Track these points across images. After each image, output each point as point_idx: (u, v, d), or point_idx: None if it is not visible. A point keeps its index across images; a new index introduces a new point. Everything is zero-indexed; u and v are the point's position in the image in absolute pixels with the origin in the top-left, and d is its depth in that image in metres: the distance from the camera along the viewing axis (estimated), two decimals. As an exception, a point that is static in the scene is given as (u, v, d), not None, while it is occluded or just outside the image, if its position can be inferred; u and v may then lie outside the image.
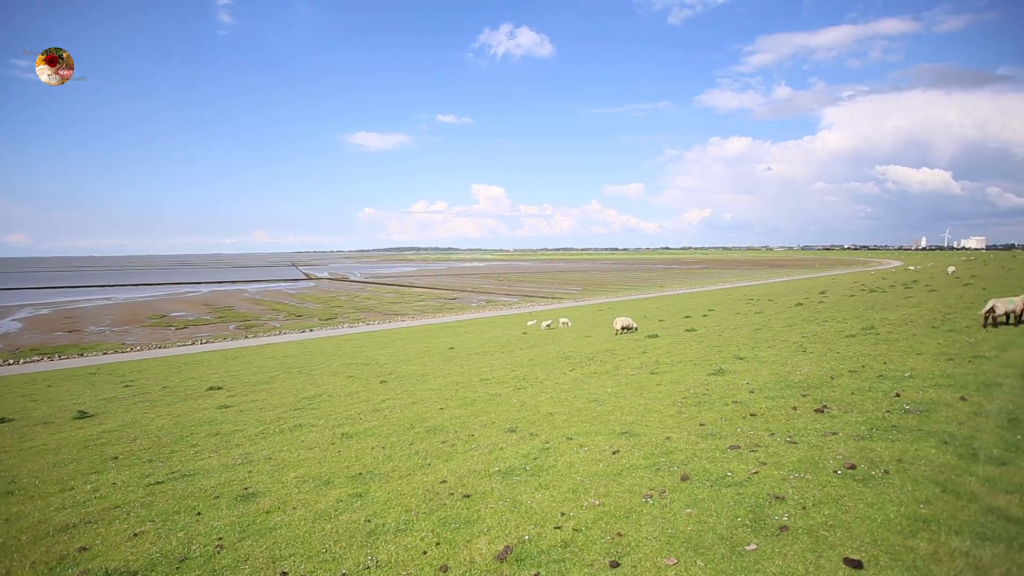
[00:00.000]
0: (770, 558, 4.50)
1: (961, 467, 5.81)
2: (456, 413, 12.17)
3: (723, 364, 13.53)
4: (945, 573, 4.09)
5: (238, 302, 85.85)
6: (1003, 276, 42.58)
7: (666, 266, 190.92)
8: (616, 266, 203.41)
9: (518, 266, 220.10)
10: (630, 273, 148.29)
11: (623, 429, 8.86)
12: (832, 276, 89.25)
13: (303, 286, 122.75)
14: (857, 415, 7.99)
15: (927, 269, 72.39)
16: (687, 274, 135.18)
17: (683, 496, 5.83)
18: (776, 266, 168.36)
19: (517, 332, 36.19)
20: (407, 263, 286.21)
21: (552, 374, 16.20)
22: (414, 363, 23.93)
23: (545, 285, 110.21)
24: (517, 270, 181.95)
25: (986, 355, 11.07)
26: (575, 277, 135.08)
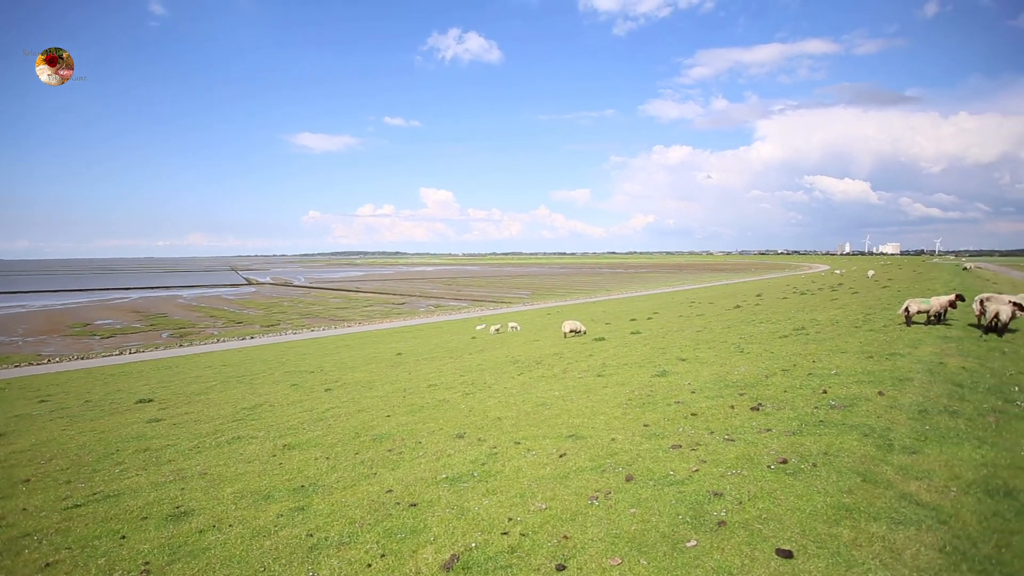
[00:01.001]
0: (709, 553, 4.67)
1: (879, 457, 6.23)
2: (403, 420, 11.97)
3: (666, 366, 13.96)
4: (864, 557, 4.37)
5: (172, 309, 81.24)
6: (915, 279, 46.08)
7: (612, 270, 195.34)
8: (564, 270, 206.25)
9: (467, 270, 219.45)
10: (578, 277, 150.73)
11: (570, 432, 8.98)
12: (767, 280, 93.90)
13: (243, 291, 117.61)
14: (789, 412, 8.42)
15: (850, 273, 77.38)
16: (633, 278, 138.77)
17: (627, 496, 5.96)
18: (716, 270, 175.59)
19: (466, 337, 36.03)
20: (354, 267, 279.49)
21: (500, 379, 16.22)
22: (361, 370, 23.38)
23: (494, 289, 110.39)
24: (466, 274, 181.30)
25: (900, 352, 11.94)
26: (524, 281, 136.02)
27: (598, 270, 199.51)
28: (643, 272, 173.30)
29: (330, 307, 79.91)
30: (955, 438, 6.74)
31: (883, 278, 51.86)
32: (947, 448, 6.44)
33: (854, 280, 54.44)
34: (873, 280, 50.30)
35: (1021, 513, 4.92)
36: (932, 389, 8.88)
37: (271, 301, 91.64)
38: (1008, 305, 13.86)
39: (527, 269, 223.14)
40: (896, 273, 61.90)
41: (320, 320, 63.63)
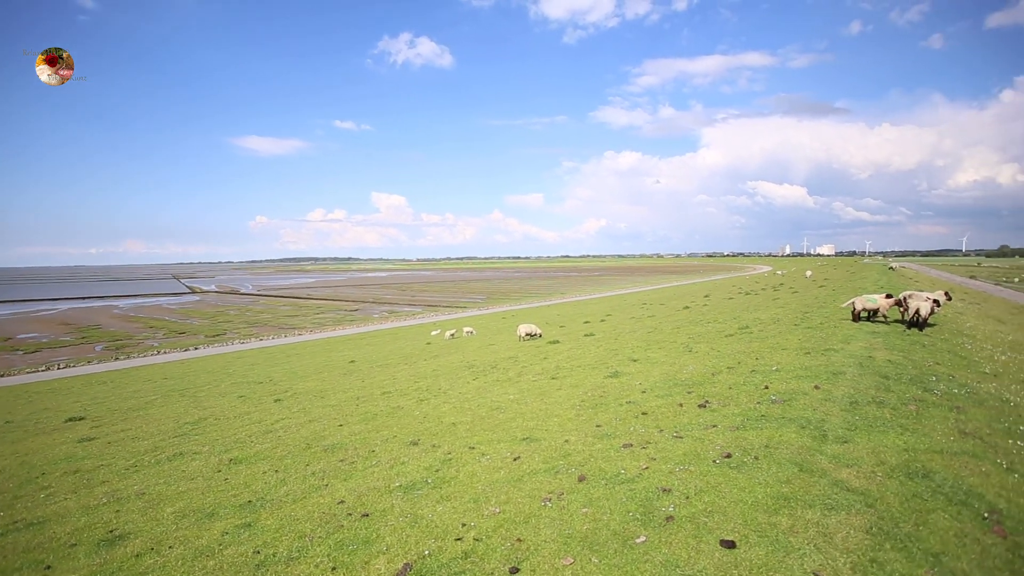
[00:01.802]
0: (657, 548, 4.81)
1: (814, 448, 6.59)
2: (356, 429, 11.75)
3: (618, 366, 14.27)
4: (800, 542, 4.62)
5: (107, 320, 76.65)
6: (848, 279, 48.89)
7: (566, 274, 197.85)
8: (519, 274, 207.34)
9: (421, 276, 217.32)
10: (532, 281, 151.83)
11: (524, 435, 9.05)
12: (714, 281, 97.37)
13: (186, 300, 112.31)
14: (733, 408, 8.78)
15: (791, 273, 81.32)
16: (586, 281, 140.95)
17: (580, 497, 6.06)
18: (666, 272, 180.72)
19: (420, 343, 35.67)
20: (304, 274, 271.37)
21: (455, 384, 16.16)
22: (312, 379, 22.76)
23: (449, 294, 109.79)
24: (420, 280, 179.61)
25: (834, 348, 12.65)
26: (479, 286, 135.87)
27: (552, 274, 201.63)
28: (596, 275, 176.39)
29: (280, 315, 77.44)
30: (881, 427, 7.20)
31: (820, 278, 54.77)
32: (874, 436, 6.87)
33: (794, 280, 57.23)
34: (811, 280, 53.05)
35: (936, 492, 5.32)
36: (862, 381, 9.45)
37: (217, 310, 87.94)
38: (927, 302, 14.93)
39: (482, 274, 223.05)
40: (831, 273, 65.45)
41: (269, 329, 61.55)
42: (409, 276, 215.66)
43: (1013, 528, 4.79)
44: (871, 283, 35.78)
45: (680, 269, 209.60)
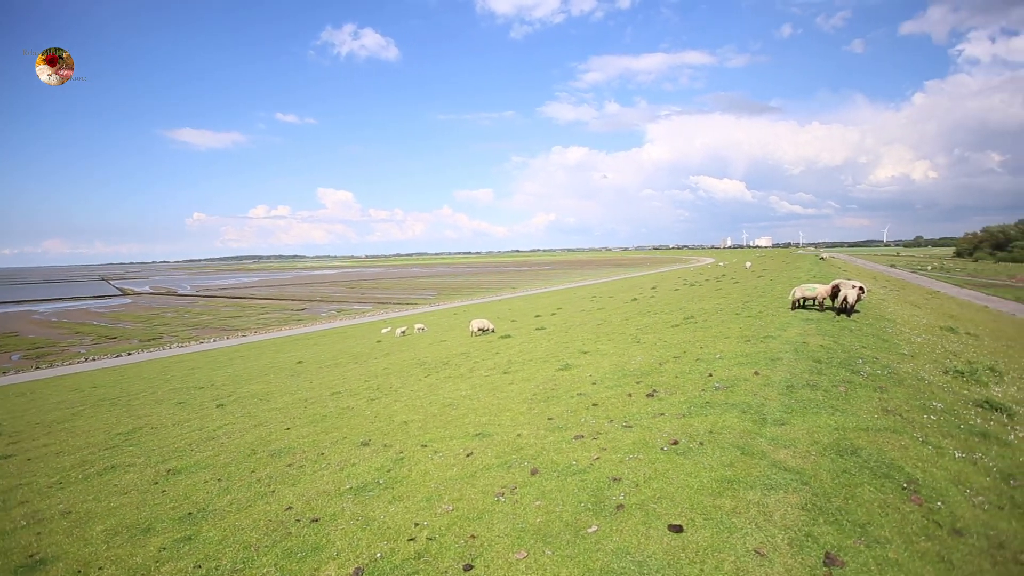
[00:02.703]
0: (608, 536, 4.92)
1: (755, 431, 6.90)
2: (304, 432, 11.41)
3: (569, 359, 14.47)
4: (742, 522, 4.83)
5: (25, 326, 70.99)
6: (784, 268, 51.48)
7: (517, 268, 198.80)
8: (470, 269, 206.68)
9: (371, 272, 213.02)
10: (484, 276, 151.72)
11: (477, 431, 9.04)
12: (661, 273, 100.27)
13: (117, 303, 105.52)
14: (680, 396, 9.07)
15: (732, 265, 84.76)
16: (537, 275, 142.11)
17: (533, 490, 6.11)
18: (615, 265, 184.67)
19: (371, 341, 35.00)
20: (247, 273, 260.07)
21: (407, 382, 15.96)
22: (257, 382, 21.91)
23: (399, 291, 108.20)
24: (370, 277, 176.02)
25: (773, 335, 13.28)
26: (429, 282, 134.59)
27: (503, 268, 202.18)
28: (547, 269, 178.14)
29: (221, 316, 74.09)
30: (815, 408, 7.62)
31: (759, 269, 57.38)
32: (809, 418, 7.27)
33: (735, 271, 59.72)
34: (750, 271, 55.50)
35: (863, 467, 5.69)
36: (797, 366, 9.97)
37: (151, 312, 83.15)
38: (854, 289, 15.92)
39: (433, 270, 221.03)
40: (769, 264, 68.66)
41: (210, 331, 58.79)
42: (358, 273, 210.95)
43: (928, 496, 5.19)
44: (804, 273, 37.78)
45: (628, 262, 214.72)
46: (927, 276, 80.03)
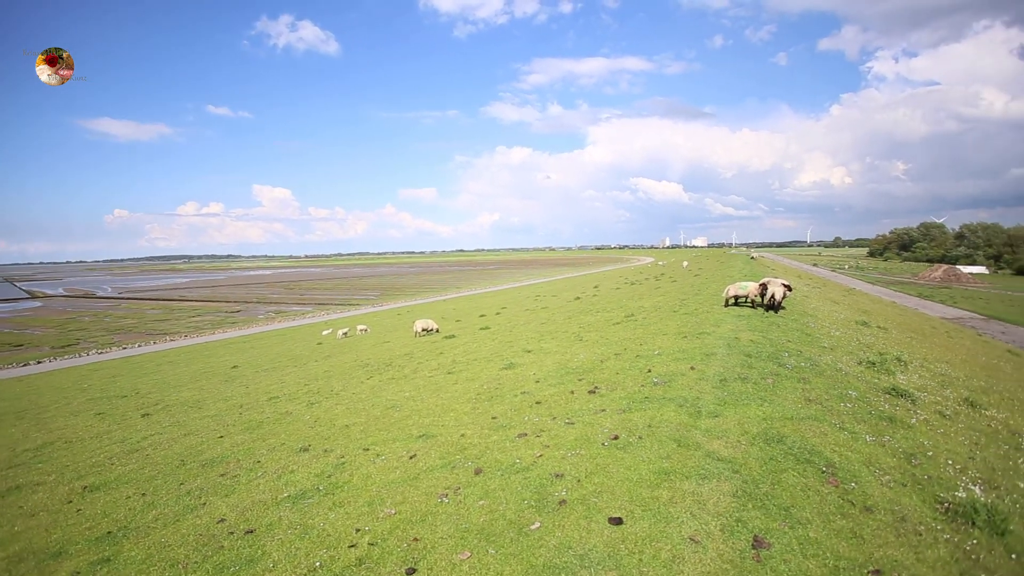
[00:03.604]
0: (551, 532, 4.98)
1: (690, 424, 7.19)
2: (239, 440, 10.91)
3: (513, 358, 14.57)
4: (679, 512, 5.02)
5: (-88, 334, 63.89)
6: (718, 268, 53.93)
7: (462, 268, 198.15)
8: (414, 269, 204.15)
9: (311, 273, 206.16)
10: (428, 276, 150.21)
11: (421, 432, 8.94)
12: (603, 272, 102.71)
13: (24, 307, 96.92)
14: (620, 392, 9.31)
15: (670, 264, 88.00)
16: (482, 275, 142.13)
17: (476, 490, 6.11)
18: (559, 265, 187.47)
19: (311, 343, 33.90)
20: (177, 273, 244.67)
21: (349, 384, 15.57)
22: (187, 388, 20.74)
23: (341, 292, 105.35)
24: (310, 277, 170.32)
25: (707, 331, 13.88)
26: (372, 282, 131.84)
27: (448, 268, 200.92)
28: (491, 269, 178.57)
29: (147, 320, 69.58)
30: (745, 400, 8.03)
31: (695, 268, 59.81)
32: (740, 409, 7.65)
33: (673, 270, 62.00)
34: (687, 270, 57.79)
35: (788, 454, 6.05)
36: (730, 360, 10.46)
37: (66, 317, 76.86)
38: (781, 287, 16.89)
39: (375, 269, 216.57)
40: (705, 263, 71.70)
41: (135, 336, 55.13)
42: (297, 273, 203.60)
43: (843, 477, 5.58)
44: (737, 271, 39.72)
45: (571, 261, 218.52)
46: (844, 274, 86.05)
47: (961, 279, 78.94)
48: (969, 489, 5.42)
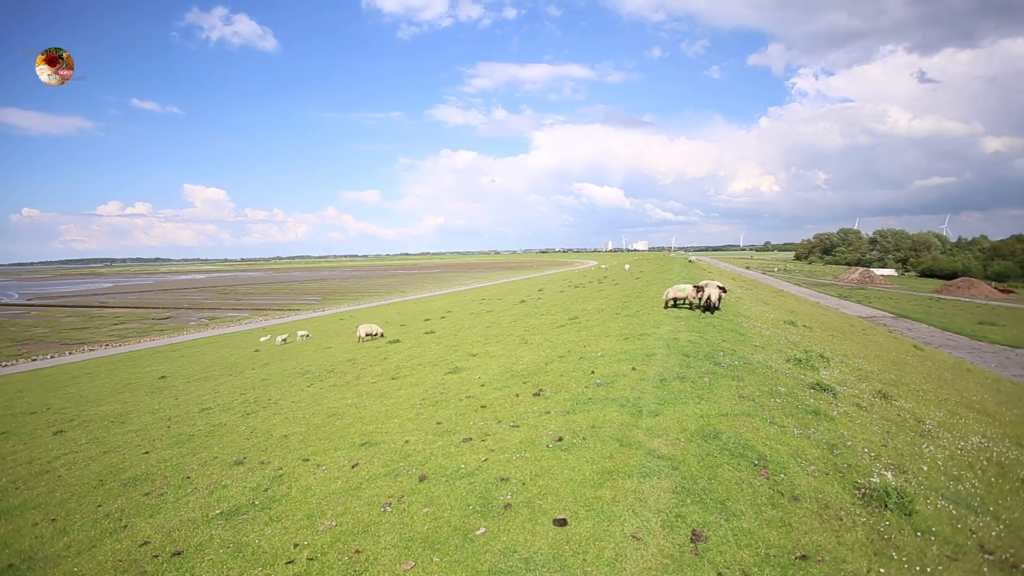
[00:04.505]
0: (496, 536, 4.97)
1: (632, 423, 7.37)
2: (167, 455, 10.25)
3: (459, 362, 14.47)
4: (621, 510, 5.12)
5: None
6: (658, 271, 55.81)
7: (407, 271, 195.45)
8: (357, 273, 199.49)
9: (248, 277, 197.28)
10: (372, 280, 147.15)
11: (363, 440, 8.71)
12: (547, 275, 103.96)
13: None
14: (564, 394, 9.42)
15: (613, 267, 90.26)
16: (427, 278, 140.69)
17: (421, 497, 6.01)
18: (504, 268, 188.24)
19: (248, 350, 32.41)
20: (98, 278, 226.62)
21: (288, 392, 14.98)
22: (108, 402, 19.29)
23: (280, 296, 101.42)
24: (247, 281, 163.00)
25: (648, 332, 14.30)
26: (314, 286, 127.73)
27: (392, 272, 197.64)
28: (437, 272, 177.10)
29: (61, 328, 64.28)
30: (684, 398, 8.31)
31: (636, 271, 61.61)
32: (678, 407, 7.91)
33: (615, 273, 63.58)
34: (629, 273, 59.45)
35: (723, 450, 6.31)
36: (669, 361, 10.82)
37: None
38: (716, 289, 17.65)
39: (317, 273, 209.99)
40: (646, 266, 74.02)
41: (47, 346, 50.80)
42: (233, 277, 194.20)
43: (773, 470, 5.88)
44: (676, 275, 41.21)
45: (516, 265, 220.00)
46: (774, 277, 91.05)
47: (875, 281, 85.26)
48: (882, 475, 5.83)
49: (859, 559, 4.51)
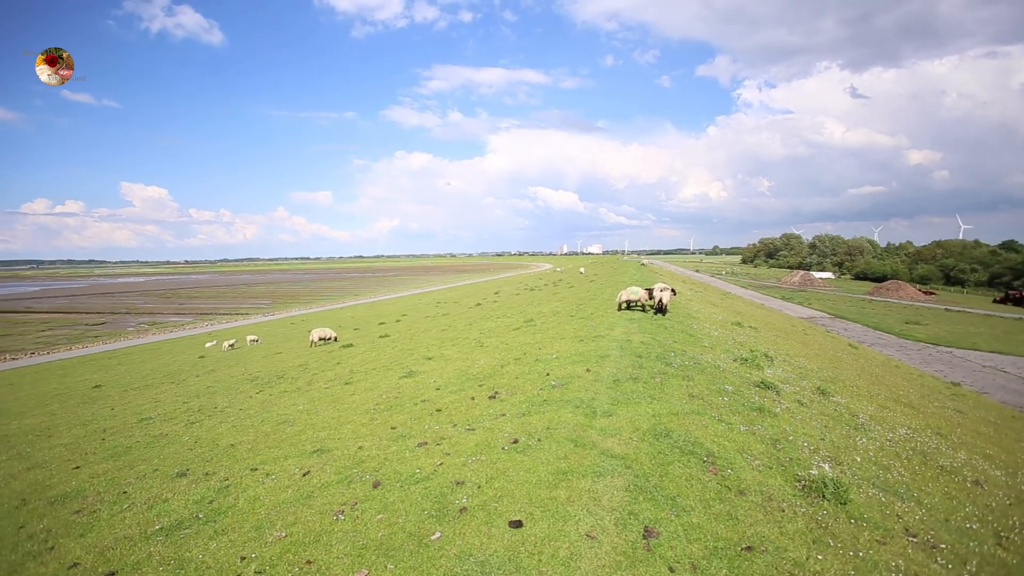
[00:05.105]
0: (451, 541, 4.93)
1: (586, 424, 7.48)
2: (101, 469, 9.66)
3: (414, 366, 14.31)
4: (576, 510, 5.19)
5: None
6: (612, 274, 56.86)
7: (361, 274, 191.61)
8: (309, 276, 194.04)
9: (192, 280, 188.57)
10: (324, 283, 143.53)
11: (315, 447, 8.48)
12: (504, 278, 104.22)
13: None
14: (520, 396, 9.47)
15: (568, 270, 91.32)
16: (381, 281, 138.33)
17: (375, 504, 5.90)
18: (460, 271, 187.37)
19: (192, 356, 30.97)
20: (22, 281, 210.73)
21: (235, 400, 14.41)
22: (33, 415, 18.00)
23: (228, 300, 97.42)
24: (191, 284, 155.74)
25: (602, 334, 14.56)
26: (264, 289, 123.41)
27: (346, 274, 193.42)
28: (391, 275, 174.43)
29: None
30: (637, 398, 8.50)
31: (591, 274, 62.56)
32: (631, 407, 8.09)
33: (570, 276, 64.35)
34: (584, 276, 60.27)
35: (674, 447, 6.50)
36: (622, 362, 11.04)
37: None
38: (668, 292, 18.16)
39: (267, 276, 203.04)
40: (600, 269, 75.21)
41: (-42, 355, 46.84)
42: (176, 280, 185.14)
43: (721, 465, 6.10)
44: (629, 277, 42.09)
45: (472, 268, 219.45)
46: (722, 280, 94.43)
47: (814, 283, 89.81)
48: (820, 467, 6.15)
49: (799, 547, 4.73)
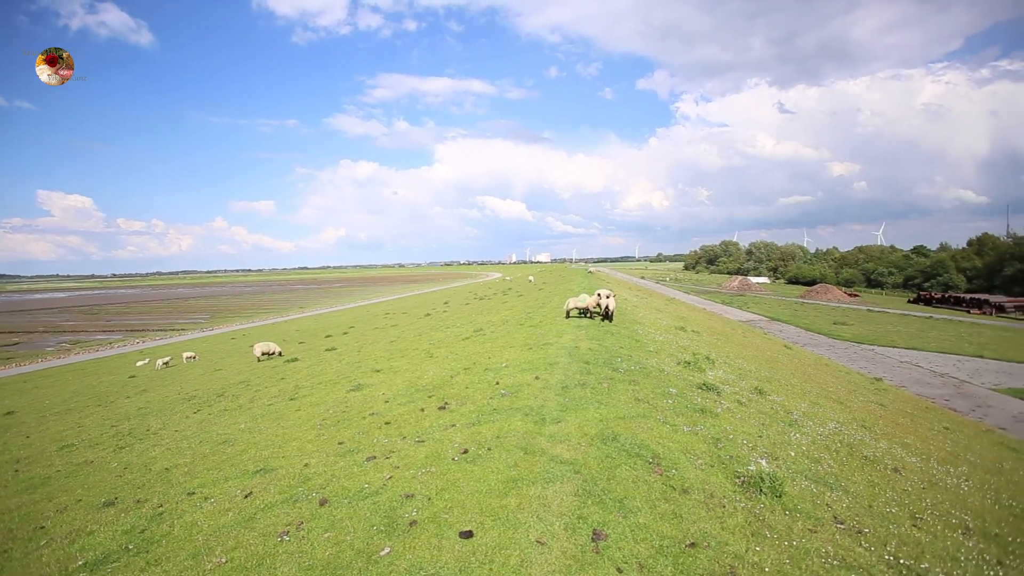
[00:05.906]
0: (401, 555, 4.86)
1: (536, 431, 7.55)
2: (14, 504, 8.93)
3: (361, 379, 14.02)
4: (526, 517, 5.23)
5: None
6: (560, 282, 57.74)
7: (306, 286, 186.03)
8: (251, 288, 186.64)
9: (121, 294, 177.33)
10: (268, 295, 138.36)
11: (258, 467, 8.16)
12: (453, 288, 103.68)
13: None
14: (470, 406, 9.45)
15: (517, 279, 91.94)
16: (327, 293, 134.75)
17: (322, 522, 5.74)
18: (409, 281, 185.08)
19: (122, 376, 29.10)
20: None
21: (171, 421, 13.65)
22: (-66, 446, 16.39)
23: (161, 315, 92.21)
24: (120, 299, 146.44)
25: (551, 342, 14.75)
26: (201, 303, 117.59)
27: (290, 287, 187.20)
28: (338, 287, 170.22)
29: None
30: (585, 404, 8.67)
31: (540, 282, 63.27)
32: (580, 413, 8.23)
33: (519, 285, 64.83)
34: (533, 284, 60.91)
35: (621, 451, 6.67)
36: (571, 368, 11.22)
37: None
38: (613, 299, 18.62)
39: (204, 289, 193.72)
40: (548, 277, 76.17)
41: None
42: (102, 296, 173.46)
43: (666, 466, 6.31)
44: (577, 285, 42.84)
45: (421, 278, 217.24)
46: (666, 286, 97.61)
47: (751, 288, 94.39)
48: (758, 463, 6.47)
49: (739, 541, 4.96)
